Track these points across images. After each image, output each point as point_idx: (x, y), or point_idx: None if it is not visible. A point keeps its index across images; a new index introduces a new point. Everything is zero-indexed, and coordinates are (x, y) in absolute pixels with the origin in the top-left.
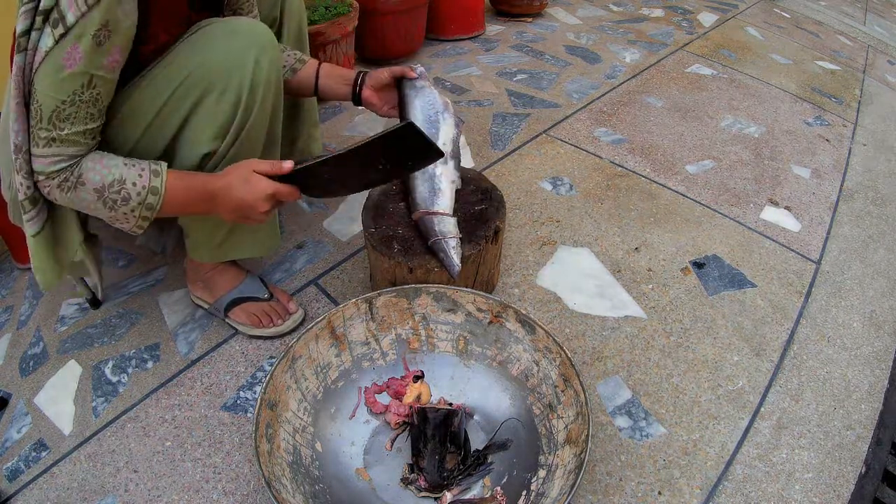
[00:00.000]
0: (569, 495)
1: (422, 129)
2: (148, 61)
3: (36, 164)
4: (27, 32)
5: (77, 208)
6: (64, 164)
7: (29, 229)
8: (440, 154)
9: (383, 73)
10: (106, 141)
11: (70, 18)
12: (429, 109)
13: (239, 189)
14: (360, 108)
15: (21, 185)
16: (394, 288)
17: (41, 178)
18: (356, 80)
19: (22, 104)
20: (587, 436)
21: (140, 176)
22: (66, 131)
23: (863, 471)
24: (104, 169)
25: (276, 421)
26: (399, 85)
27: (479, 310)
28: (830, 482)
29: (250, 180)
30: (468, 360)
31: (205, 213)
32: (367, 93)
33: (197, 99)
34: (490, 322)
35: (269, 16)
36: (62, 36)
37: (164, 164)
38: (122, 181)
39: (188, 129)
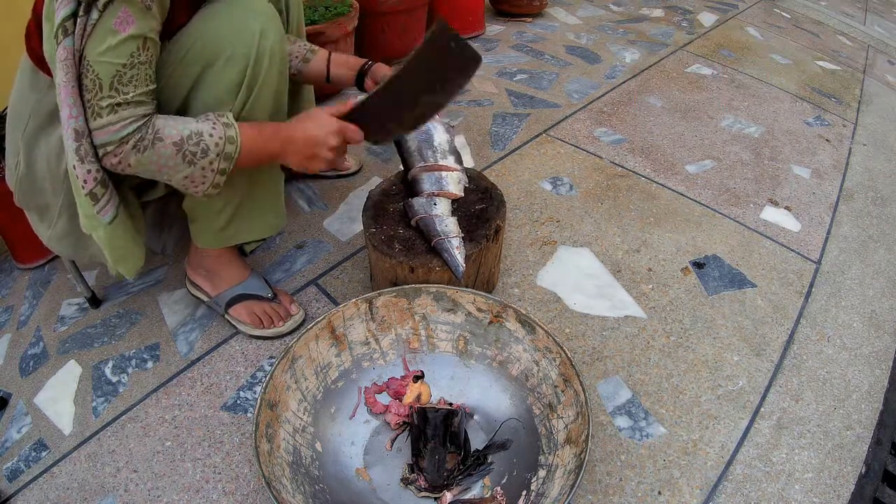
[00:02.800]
0: (569, 495)
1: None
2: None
3: (100, 137)
4: (73, 16)
5: (150, 171)
6: (136, 125)
7: (104, 217)
8: (478, 57)
9: (382, 74)
10: None
11: None
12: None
13: (309, 127)
14: None
15: (89, 172)
16: (394, 288)
17: (110, 147)
18: (362, 67)
19: (77, 87)
20: (587, 436)
21: (214, 127)
22: (131, 94)
23: (863, 471)
24: (179, 124)
25: (276, 421)
26: None
27: (479, 310)
28: (830, 482)
29: (319, 118)
30: (468, 360)
31: (275, 160)
32: (368, 83)
33: (203, 67)
34: (490, 322)
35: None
36: (106, 5)
37: (231, 115)
38: (199, 133)
39: (195, 98)
